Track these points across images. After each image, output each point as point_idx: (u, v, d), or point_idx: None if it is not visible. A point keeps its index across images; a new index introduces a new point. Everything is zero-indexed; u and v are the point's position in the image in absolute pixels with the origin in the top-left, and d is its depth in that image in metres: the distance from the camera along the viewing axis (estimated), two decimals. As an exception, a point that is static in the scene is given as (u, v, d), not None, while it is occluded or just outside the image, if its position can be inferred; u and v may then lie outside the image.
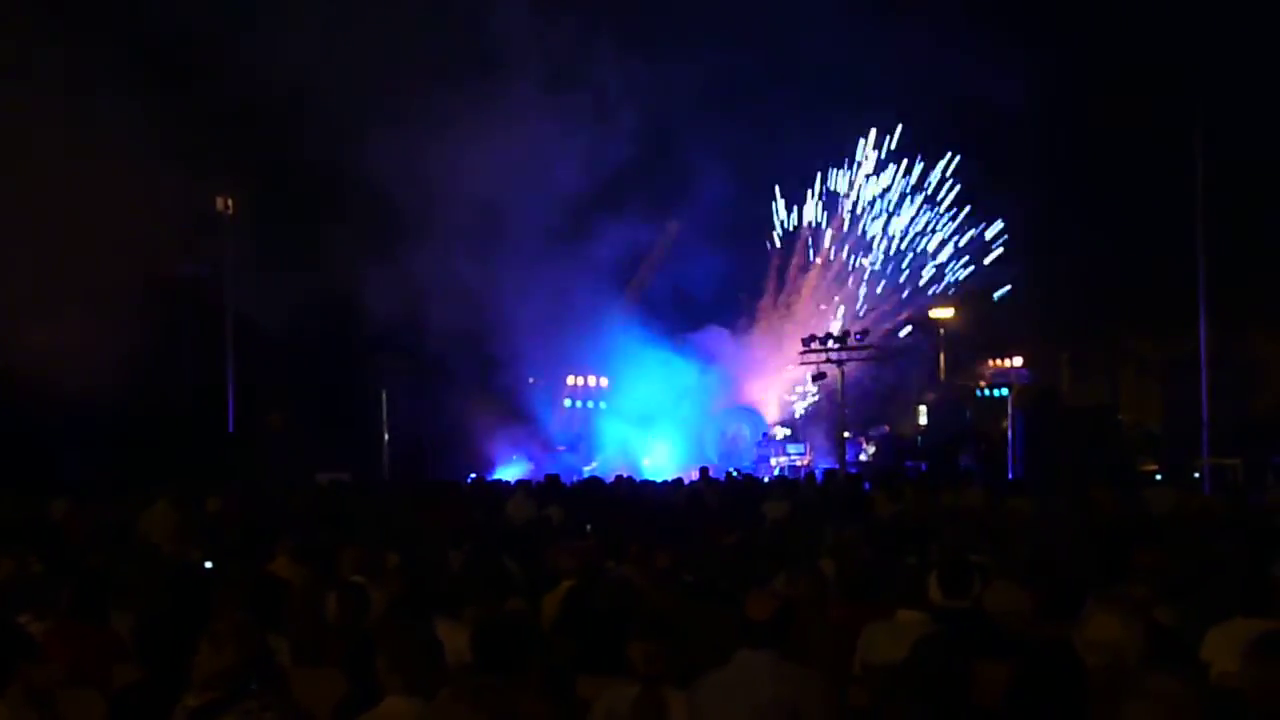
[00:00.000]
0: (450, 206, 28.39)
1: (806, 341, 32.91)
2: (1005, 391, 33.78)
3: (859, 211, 38.73)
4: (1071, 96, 31.92)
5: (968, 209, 37.59)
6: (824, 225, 39.00)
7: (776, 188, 39.03)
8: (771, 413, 36.56)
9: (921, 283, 38.37)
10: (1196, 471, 24.55)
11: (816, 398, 36.43)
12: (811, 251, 39.16)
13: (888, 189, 38.49)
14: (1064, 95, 31.89)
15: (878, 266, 38.44)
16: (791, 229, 39.25)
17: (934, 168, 38.07)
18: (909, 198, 38.44)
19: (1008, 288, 36.59)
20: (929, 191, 38.28)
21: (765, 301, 38.69)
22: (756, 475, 29.49)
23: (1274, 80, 27.44)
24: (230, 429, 29.03)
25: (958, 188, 37.73)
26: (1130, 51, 30.33)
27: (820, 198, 39.01)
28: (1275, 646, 4.23)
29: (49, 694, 5.50)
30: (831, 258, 38.83)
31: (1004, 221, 36.77)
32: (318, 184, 28.71)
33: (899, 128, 37.70)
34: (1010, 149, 33.00)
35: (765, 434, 34.82)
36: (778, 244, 39.34)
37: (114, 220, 25.93)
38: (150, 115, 24.44)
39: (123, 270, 25.39)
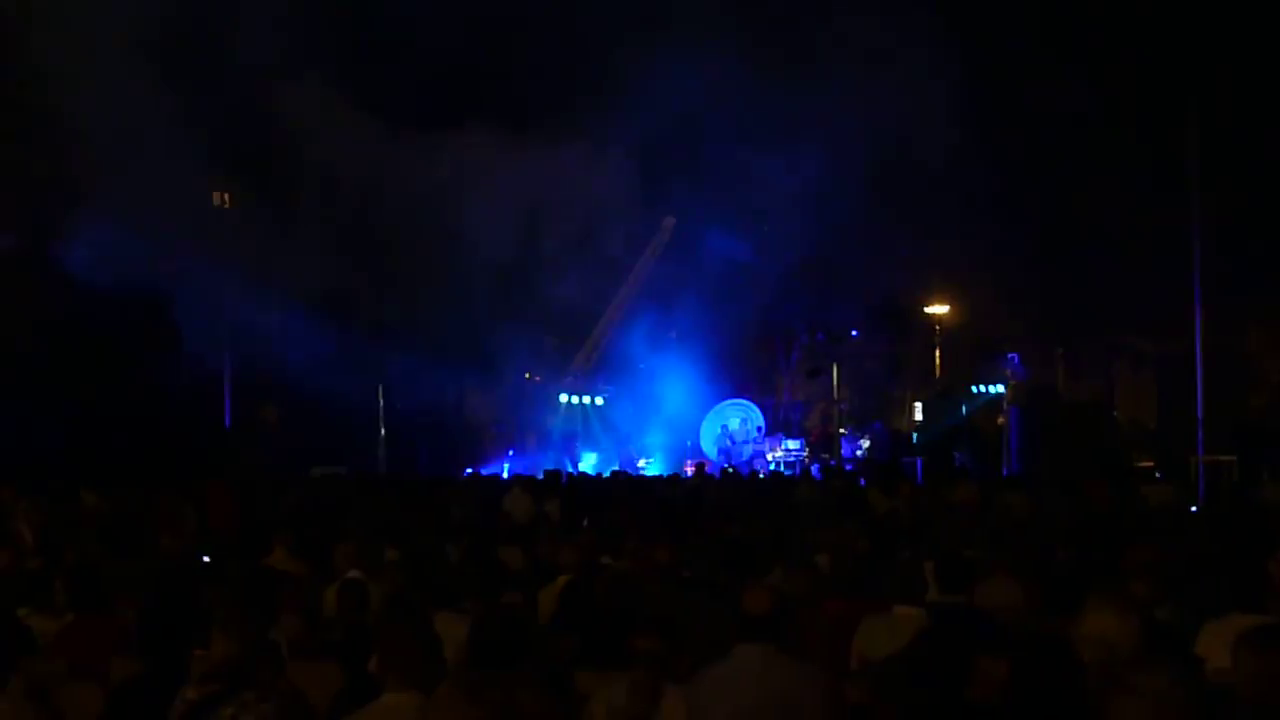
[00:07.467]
0: (448, 205, 28.41)
1: (802, 338, 32.90)
2: (1001, 388, 33.74)
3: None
4: (1062, 92, 31.83)
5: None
6: None
7: None
8: (768, 408, 36.54)
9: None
10: (1191, 468, 24.50)
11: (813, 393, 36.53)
12: None
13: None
14: (1054, 90, 31.83)
15: None
16: None
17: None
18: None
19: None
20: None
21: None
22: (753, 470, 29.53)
23: (1270, 74, 27.35)
24: (226, 423, 28.99)
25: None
26: (1125, 47, 30.23)
27: None
28: (1269, 639, 4.24)
29: (48, 688, 5.52)
30: None
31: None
32: (316, 180, 28.73)
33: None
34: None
35: (761, 429, 34.77)
36: None
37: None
38: (150, 110, 24.54)
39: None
